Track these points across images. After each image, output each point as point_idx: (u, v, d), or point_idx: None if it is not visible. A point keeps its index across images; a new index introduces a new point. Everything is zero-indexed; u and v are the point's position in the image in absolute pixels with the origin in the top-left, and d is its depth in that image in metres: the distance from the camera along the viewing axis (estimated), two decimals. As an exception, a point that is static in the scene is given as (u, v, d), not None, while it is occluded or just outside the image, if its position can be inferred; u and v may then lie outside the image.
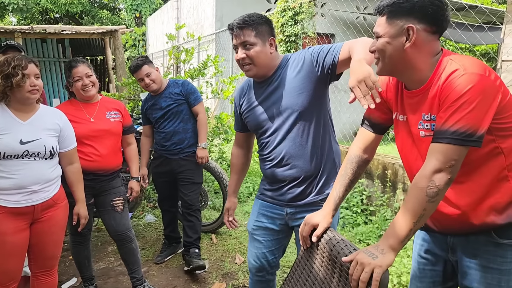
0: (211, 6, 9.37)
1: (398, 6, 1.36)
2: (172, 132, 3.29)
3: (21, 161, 2.08)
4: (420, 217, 1.29)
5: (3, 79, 2.04)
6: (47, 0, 16.64)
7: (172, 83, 3.36)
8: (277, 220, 2.07)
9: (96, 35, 9.16)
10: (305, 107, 1.89)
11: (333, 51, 1.82)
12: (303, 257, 1.70)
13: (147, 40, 16.54)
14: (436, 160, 1.28)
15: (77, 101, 2.73)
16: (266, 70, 1.94)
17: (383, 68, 1.44)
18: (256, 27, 1.87)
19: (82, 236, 2.85)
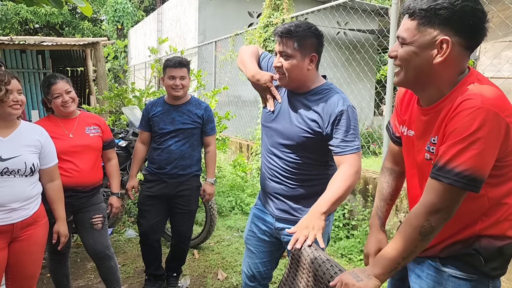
0: (193, 20, 9.41)
1: (435, 12, 1.17)
2: (178, 155, 2.97)
3: (1, 178, 2.03)
4: (410, 253, 1.26)
5: None
6: (27, 11, 16.46)
7: (195, 102, 3.05)
8: (268, 232, 2.09)
9: (77, 46, 9.07)
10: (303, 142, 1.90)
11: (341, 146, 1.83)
12: (290, 275, 1.70)
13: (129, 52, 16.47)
14: (434, 199, 1.21)
15: (55, 117, 2.68)
16: (299, 84, 1.89)
17: (405, 80, 1.30)
18: (300, 39, 1.78)
19: (61, 255, 2.79)
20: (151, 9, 18.95)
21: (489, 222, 1.30)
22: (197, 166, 3.11)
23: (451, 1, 1.16)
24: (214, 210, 3.88)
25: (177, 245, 3.17)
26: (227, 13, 9.04)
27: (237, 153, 6.82)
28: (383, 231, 1.64)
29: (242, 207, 5.19)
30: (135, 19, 17.17)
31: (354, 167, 1.79)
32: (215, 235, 4.31)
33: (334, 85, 1.96)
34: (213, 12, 9.12)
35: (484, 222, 1.30)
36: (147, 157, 3.19)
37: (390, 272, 1.28)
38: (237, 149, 6.86)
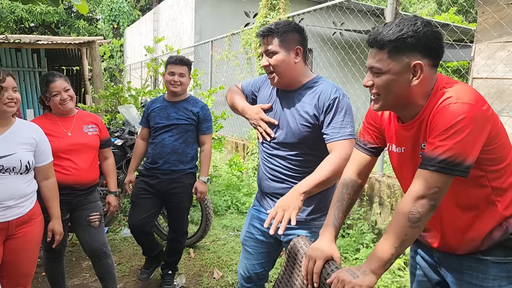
0: (190, 19, 9.40)
1: (403, 41, 1.29)
2: (170, 150, 3.02)
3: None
4: (402, 242, 1.28)
5: None
6: (22, 9, 16.38)
7: (192, 100, 3.13)
8: (266, 233, 2.04)
9: (73, 45, 9.04)
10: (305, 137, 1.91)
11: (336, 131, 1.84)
12: (285, 273, 1.70)
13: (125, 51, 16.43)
14: (420, 186, 1.28)
15: (53, 115, 2.68)
16: (290, 79, 1.92)
17: (384, 105, 1.41)
18: (281, 35, 1.86)
19: (57, 253, 2.79)
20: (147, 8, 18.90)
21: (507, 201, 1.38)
22: (191, 164, 3.12)
23: (414, 29, 1.29)
24: (210, 209, 3.88)
25: (173, 240, 3.22)
26: (224, 13, 9.04)
27: (233, 152, 6.82)
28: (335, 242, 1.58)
29: (238, 207, 5.20)
30: (131, 18, 17.13)
31: (343, 153, 1.78)
32: (210, 234, 4.32)
33: (325, 78, 2.00)
34: (209, 12, 9.12)
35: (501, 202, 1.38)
36: None
37: (385, 265, 1.29)
38: (233, 149, 6.86)
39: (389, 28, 1.32)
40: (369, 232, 3.82)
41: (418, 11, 15.60)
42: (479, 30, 3.53)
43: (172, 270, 3.27)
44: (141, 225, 3.09)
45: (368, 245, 3.72)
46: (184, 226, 3.25)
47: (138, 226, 3.09)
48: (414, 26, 1.30)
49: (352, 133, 1.84)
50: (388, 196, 3.73)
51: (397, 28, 1.30)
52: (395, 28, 1.31)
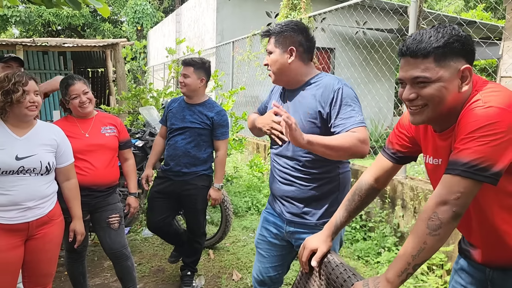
0: (211, 20, 9.45)
1: (451, 46, 1.23)
2: (182, 152, 3.03)
3: (17, 177, 2.07)
4: (419, 251, 1.20)
5: (3, 95, 2.04)
6: (49, 13, 16.81)
7: (209, 104, 3.11)
8: (279, 236, 2.07)
9: (97, 48, 9.23)
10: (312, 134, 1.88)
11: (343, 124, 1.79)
12: (302, 279, 1.68)
13: (148, 52, 16.65)
14: (441, 191, 1.21)
15: (73, 117, 2.73)
16: (288, 78, 1.95)
17: (431, 116, 1.31)
18: (276, 35, 1.91)
19: (78, 253, 2.82)
20: (170, 10, 19.11)
21: None
22: (204, 166, 3.12)
23: (456, 33, 1.25)
24: (229, 211, 3.88)
25: (190, 241, 3.25)
26: (245, 13, 9.04)
27: (254, 153, 6.81)
28: (331, 241, 1.60)
29: (258, 208, 5.18)
30: (154, 20, 17.35)
31: (357, 136, 1.73)
32: (230, 236, 4.31)
33: (326, 73, 2.00)
34: (231, 13, 9.14)
35: None
36: None
37: (402, 274, 1.21)
38: (254, 150, 6.85)
39: (429, 35, 1.25)
40: (391, 235, 3.74)
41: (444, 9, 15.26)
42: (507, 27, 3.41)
43: (191, 271, 3.28)
44: (157, 228, 3.20)
45: (390, 249, 3.64)
46: (201, 227, 3.25)
47: (154, 228, 3.21)
48: (454, 30, 1.25)
49: (362, 121, 1.78)
50: (411, 199, 3.64)
51: (439, 34, 1.24)
52: (436, 34, 1.25)
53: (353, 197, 1.61)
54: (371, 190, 1.60)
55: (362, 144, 1.73)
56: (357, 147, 1.72)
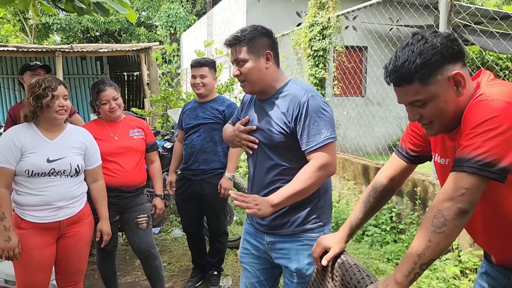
0: (242, 22, 9.50)
1: (430, 64, 1.21)
2: (199, 148, 3.10)
3: (48, 178, 2.16)
4: (425, 250, 1.16)
5: (34, 99, 2.15)
6: (88, 20, 17.42)
7: (220, 99, 3.20)
8: (261, 248, 1.94)
9: (132, 52, 9.46)
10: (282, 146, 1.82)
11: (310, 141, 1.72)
12: (316, 279, 1.67)
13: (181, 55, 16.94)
14: (446, 188, 1.18)
15: (102, 120, 2.82)
16: (263, 86, 1.84)
17: (441, 128, 1.32)
18: (248, 42, 1.78)
19: (108, 252, 2.92)
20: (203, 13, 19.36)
21: None
22: (220, 163, 3.15)
23: (429, 46, 1.21)
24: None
25: (213, 240, 3.30)
26: (275, 14, 9.03)
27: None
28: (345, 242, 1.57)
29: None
30: (187, 23, 17.62)
31: (319, 162, 1.69)
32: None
33: (298, 81, 1.90)
34: (260, 13, 9.15)
35: None
36: None
37: (409, 274, 1.17)
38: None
39: (404, 59, 1.22)
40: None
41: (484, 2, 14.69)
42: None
43: (217, 271, 3.31)
44: (191, 232, 3.38)
45: (421, 251, 3.53)
46: (221, 225, 3.29)
47: (189, 232, 3.39)
48: (427, 43, 1.21)
49: (328, 137, 1.71)
50: (443, 200, 3.52)
51: (413, 55, 1.21)
52: (410, 55, 1.22)
53: (368, 199, 1.59)
54: (385, 191, 1.59)
55: (324, 170, 1.70)
56: (321, 177, 1.71)
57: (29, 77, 3.21)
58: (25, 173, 2.13)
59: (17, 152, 2.12)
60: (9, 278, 2.75)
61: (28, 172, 2.12)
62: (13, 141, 2.12)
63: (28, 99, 2.17)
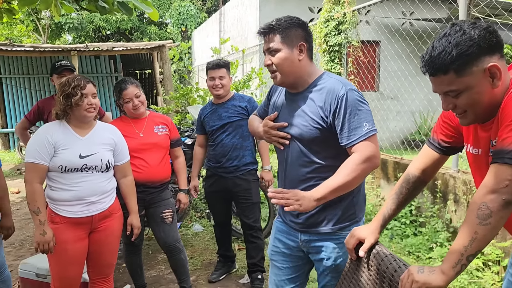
0: (254, 18, 9.52)
1: (466, 55, 1.22)
2: (231, 147, 3.15)
3: (80, 174, 2.23)
4: (471, 241, 1.19)
5: (64, 98, 2.21)
6: (100, 19, 17.56)
7: (238, 97, 3.27)
8: (293, 246, 1.92)
9: (145, 50, 9.57)
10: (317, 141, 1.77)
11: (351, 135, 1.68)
12: (349, 270, 1.69)
13: (193, 53, 17.00)
14: (489, 180, 1.20)
15: (127, 117, 2.89)
16: (295, 78, 1.78)
17: (475, 118, 1.33)
18: (283, 31, 1.73)
19: (135, 246, 2.98)
20: (213, 10, 19.40)
21: None
22: (250, 157, 3.23)
23: (467, 37, 1.22)
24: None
25: (250, 237, 3.29)
26: (287, 10, 9.00)
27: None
28: (379, 233, 1.59)
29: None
30: (198, 20, 17.67)
31: (364, 154, 1.65)
32: (278, 231, 4.36)
33: (332, 74, 1.86)
34: (273, 9, 9.15)
35: None
36: None
37: (456, 266, 1.21)
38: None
39: (440, 50, 1.24)
40: (443, 230, 3.65)
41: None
42: None
43: (261, 274, 3.27)
44: (222, 226, 3.47)
45: (442, 244, 3.55)
46: (257, 221, 3.31)
47: (220, 225, 3.47)
48: (464, 35, 1.22)
49: (370, 129, 1.68)
50: (464, 193, 3.53)
51: (449, 46, 1.22)
52: (447, 46, 1.23)
53: (401, 190, 1.61)
54: (418, 183, 1.60)
55: (369, 162, 1.66)
56: (365, 170, 1.67)
57: (56, 79, 3.30)
58: (59, 169, 2.19)
59: (51, 149, 2.18)
60: (40, 272, 2.81)
61: (61, 168, 2.19)
62: (46, 138, 2.19)
63: (58, 98, 2.24)
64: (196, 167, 3.40)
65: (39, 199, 2.15)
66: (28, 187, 2.16)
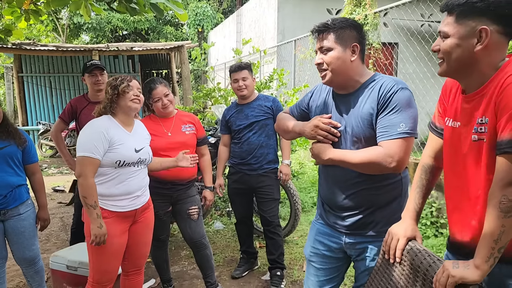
0: (272, 19, 9.59)
1: (471, 5, 1.27)
2: (257, 145, 3.25)
3: (133, 168, 2.31)
4: (500, 234, 1.22)
5: (112, 88, 2.29)
6: (118, 19, 17.76)
7: (263, 97, 3.37)
8: (335, 248, 1.92)
9: (164, 50, 9.68)
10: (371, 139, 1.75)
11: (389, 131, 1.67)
12: (381, 266, 1.71)
13: (209, 53, 17.12)
14: (504, 172, 1.21)
15: (156, 116, 2.95)
16: (345, 79, 1.77)
17: (448, 70, 1.38)
18: (337, 31, 1.73)
19: (161, 241, 3.05)
20: (229, 11, 19.51)
21: None
22: (274, 155, 3.34)
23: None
24: (298, 205, 3.98)
25: (269, 233, 3.35)
26: (306, 12, 9.08)
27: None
28: (416, 224, 1.61)
29: (323, 203, 5.24)
30: (214, 21, 17.80)
31: (385, 152, 1.63)
32: (298, 230, 4.41)
33: (384, 74, 1.85)
34: (291, 11, 9.22)
35: None
36: None
37: (489, 260, 1.24)
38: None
39: None
40: (465, 232, 3.66)
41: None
42: None
43: (280, 271, 3.32)
44: (244, 222, 3.55)
45: (463, 246, 3.56)
46: (276, 217, 3.37)
47: (243, 221, 3.55)
48: None
49: (405, 131, 1.64)
50: (486, 195, 3.54)
51: None
52: None
53: (421, 182, 1.64)
54: (434, 170, 1.63)
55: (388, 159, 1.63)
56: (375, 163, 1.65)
57: (88, 78, 3.40)
58: (115, 164, 2.23)
59: (106, 144, 2.20)
60: (71, 264, 2.89)
61: (118, 163, 2.23)
62: (103, 133, 2.20)
63: (106, 89, 2.33)
64: (221, 165, 3.49)
65: (96, 193, 2.17)
66: (83, 181, 2.15)
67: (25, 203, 2.71)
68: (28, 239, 2.71)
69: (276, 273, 3.31)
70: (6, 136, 2.62)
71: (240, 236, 3.62)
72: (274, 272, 3.32)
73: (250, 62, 3.45)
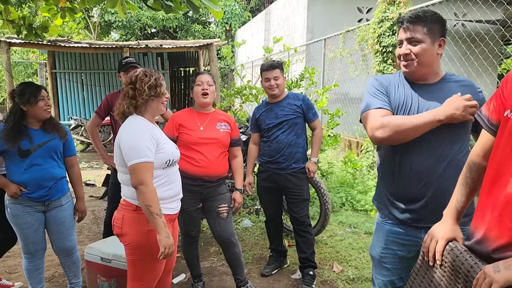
0: (302, 18, 9.54)
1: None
2: (286, 143, 3.25)
3: (175, 168, 2.26)
4: None
5: (149, 88, 2.12)
6: (147, 17, 18.03)
7: (292, 95, 3.35)
8: (410, 247, 1.92)
9: (193, 48, 9.76)
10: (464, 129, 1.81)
11: None
12: (422, 266, 1.68)
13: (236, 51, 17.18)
14: None
15: (193, 110, 2.97)
16: (427, 70, 1.84)
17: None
18: (429, 24, 1.78)
19: (192, 237, 3.08)
20: (257, 9, 19.54)
21: None
22: (302, 154, 3.32)
23: None
24: (328, 204, 3.95)
25: (300, 232, 3.34)
26: (336, 10, 9.00)
27: (346, 150, 6.79)
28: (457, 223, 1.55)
29: (353, 204, 5.19)
30: (242, 20, 17.86)
31: None
32: (327, 230, 4.38)
33: None
34: (321, 10, 9.16)
35: None
36: None
37: None
38: (346, 146, 6.83)
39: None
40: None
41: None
42: None
43: (312, 270, 3.32)
44: (272, 219, 3.56)
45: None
46: (307, 217, 3.36)
47: (272, 219, 3.57)
48: None
49: None
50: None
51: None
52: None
53: (466, 180, 1.57)
54: (481, 169, 1.54)
55: None
56: None
57: (123, 75, 3.46)
58: (165, 164, 2.13)
59: (155, 145, 2.09)
60: (105, 256, 2.94)
61: (168, 163, 2.14)
62: (151, 136, 2.08)
63: (142, 88, 2.11)
64: (251, 164, 3.50)
65: (158, 201, 2.02)
66: (145, 189, 1.97)
67: (66, 195, 2.78)
68: (68, 229, 2.79)
69: (308, 272, 3.30)
70: (51, 129, 2.68)
71: (269, 234, 3.62)
72: (306, 271, 3.31)
73: (281, 61, 3.42)
